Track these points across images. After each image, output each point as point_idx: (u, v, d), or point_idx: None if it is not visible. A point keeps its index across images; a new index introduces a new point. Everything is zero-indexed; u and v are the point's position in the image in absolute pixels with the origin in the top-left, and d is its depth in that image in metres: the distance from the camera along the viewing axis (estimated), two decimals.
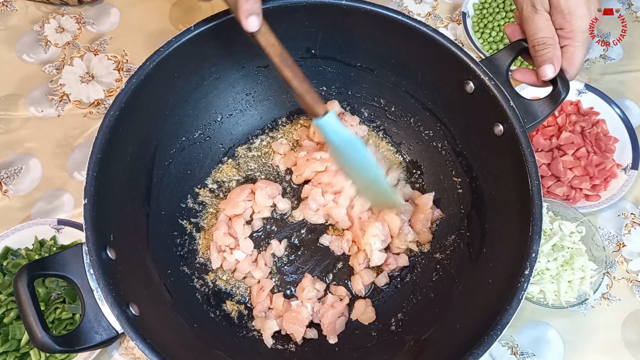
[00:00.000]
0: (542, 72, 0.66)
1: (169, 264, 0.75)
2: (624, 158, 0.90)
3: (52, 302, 0.77)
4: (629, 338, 0.80)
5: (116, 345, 0.79)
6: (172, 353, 0.57)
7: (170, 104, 0.76)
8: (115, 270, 0.59)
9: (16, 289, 0.55)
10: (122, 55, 1.04)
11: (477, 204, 0.76)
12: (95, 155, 0.61)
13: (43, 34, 1.06)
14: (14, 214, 0.89)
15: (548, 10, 0.65)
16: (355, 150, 0.71)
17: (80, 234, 0.84)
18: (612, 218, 0.89)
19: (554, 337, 0.80)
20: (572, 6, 0.63)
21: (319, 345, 0.75)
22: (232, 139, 0.88)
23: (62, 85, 1.01)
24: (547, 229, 0.81)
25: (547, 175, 0.87)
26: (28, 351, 0.74)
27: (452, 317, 0.70)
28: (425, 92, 0.81)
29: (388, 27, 0.73)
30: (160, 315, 0.66)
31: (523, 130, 0.64)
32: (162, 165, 0.78)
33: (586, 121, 0.90)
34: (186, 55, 0.71)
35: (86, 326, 0.56)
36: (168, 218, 0.79)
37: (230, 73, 0.82)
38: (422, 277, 0.79)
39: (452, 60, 0.70)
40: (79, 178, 0.92)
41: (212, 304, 0.77)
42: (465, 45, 1.05)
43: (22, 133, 0.96)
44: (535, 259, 0.59)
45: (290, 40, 0.79)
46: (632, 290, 0.84)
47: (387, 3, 1.11)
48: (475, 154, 0.77)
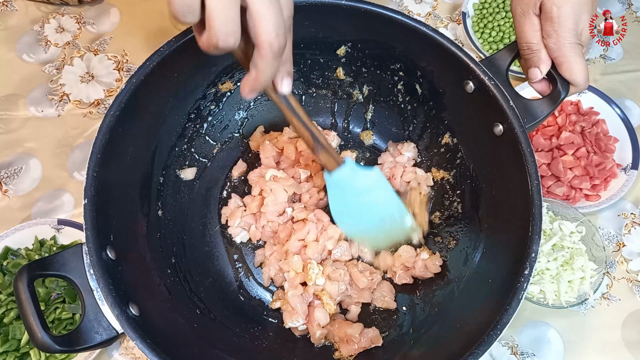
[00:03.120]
0: (529, 74, 0.68)
1: (169, 264, 0.75)
2: (624, 158, 0.90)
3: (52, 302, 0.77)
4: (629, 338, 0.80)
5: (116, 345, 0.79)
6: (172, 353, 0.57)
7: (170, 104, 0.76)
8: (115, 270, 0.59)
9: (16, 289, 0.55)
10: (122, 55, 1.04)
11: (477, 204, 0.76)
12: (95, 155, 0.61)
13: (43, 34, 1.06)
14: (14, 214, 0.89)
15: (537, 14, 0.65)
16: (375, 191, 0.72)
17: (80, 234, 0.84)
18: (612, 218, 0.89)
19: (554, 337, 0.80)
20: (562, 16, 0.63)
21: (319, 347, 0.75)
22: (232, 138, 0.88)
23: (62, 85, 1.01)
24: (547, 229, 0.82)
25: (547, 175, 0.87)
26: (28, 351, 0.74)
27: (452, 317, 0.70)
28: (425, 92, 0.81)
29: (388, 27, 0.73)
30: (161, 315, 0.66)
31: (523, 130, 0.64)
32: (162, 165, 0.78)
33: (586, 121, 0.90)
34: (186, 55, 0.71)
35: (86, 326, 0.56)
36: (168, 217, 0.79)
37: (231, 72, 0.82)
38: (422, 277, 0.79)
39: (452, 60, 0.70)
40: (79, 178, 0.92)
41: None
42: (465, 45, 1.05)
43: (22, 133, 0.96)
44: (535, 259, 0.59)
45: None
46: (632, 290, 0.84)
47: (387, 3, 1.11)
48: (475, 154, 0.77)
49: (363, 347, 0.72)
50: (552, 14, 0.63)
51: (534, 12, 0.65)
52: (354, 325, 0.73)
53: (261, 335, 0.75)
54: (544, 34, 0.65)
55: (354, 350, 0.72)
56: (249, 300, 0.80)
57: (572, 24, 0.63)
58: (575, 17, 0.63)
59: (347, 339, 0.72)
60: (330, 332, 0.74)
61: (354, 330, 0.72)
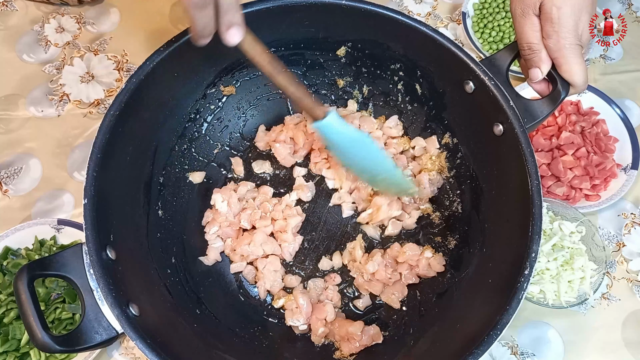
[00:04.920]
0: (530, 74, 0.67)
1: (169, 264, 0.75)
2: (624, 158, 0.90)
3: (52, 302, 0.77)
4: (629, 338, 0.80)
5: (116, 345, 0.79)
6: (172, 353, 0.57)
7: (170, 104, 0.76)
8: (115, 270, 0.59)
9: (16, 289, 0.55)
10: (122, 55, 1.04)
11: (477, 204, 0.76)
12: (95, 155, 0.61)
13: (43, 34, 1.06)
14: (14, 214, 0.89)
15: (537, 14, 0.65)
16: (363, 147, 0.71)
17: (80, 234, 0.84)
18: (612, 218, 0.89)
19: (554, 337, 0.80)
20: (562, 17, 0.63)
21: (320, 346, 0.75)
22: (232, 138, 0.88)
23: (62, 85, 1.01)
24: (547, 229, 0.81)
25: (547, 175, 0.87)
26: (28, 351, 0.74)
27: (452, 317, 0.70)
28: (425, 92, 0.81)
29: (388, 27, 0.73)
30: (160, 315, 0.66)
31: (523, 130, 0.64)
32: (162, 164, 0.78)
33: (586, 121, 0.90)
34: (186, 55, 0.71)
35: (86, 326, 0.56)
36: (168, 217, 0.79)
37: (231, 72, 0.82)
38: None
39: (452, 60, 0.70)
40: (79, 178, 0.92)
41: None
42: (465, 45, 1.05)
43: (22, 133, 0.96)
44: (535, 259, 0.59)
45: (291, 40, 0.80)
46: (632, 290, 0.84)
47: (387, 3, 1.10)
48: (475, 154, 0.77)
49: (364, 345, 0.72)
50: (552, 15, 0.63)
51: (533, 13, 0.65)
52: (355, 324, 0.73)
53: (261, 335, 0.75)
54: (544, 34, 0.65)
55: (355, 348, 0.72)
56: (249, 300, 0.80)
57: (572, 24, 0.63)
58: (576, 17, 0.63)
59: (348, 337, 0.72)
60: (331, 331, 0.74)
61: (355, 329, 0.72)
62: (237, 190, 0.83)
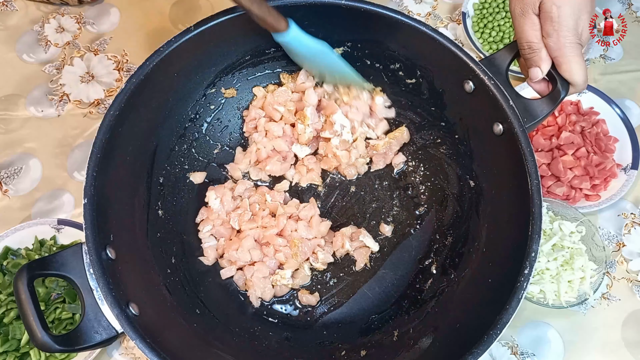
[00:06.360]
0: (530, 74, 0.67)
1: (169, 264, 0.75)
2: (624, 158, 0.90)
3: (52, 302, 0.77)
4: (629, 338, 0.80)
5: (116, 345, 0.79)
6: (172, 353, 0.57)
7: (170, 104, 0.76)
8: (115, 270, 0.59)
9: (16, 288, 0.55)
10: (122, 55, 1.04)
11: (477, 204, 0.76)
12: (95, 155, 0.61)
13: (43, 33, 1.06)
14: (14, 214, 0.89)
15: (537, 13, 0.65)
16: (325, 56, 0.75)
17: (80, 234, 0.84)
18: (612, 218, 0.89)
19: (554, 337, 0.80)
20: (562, 16, 0.63)
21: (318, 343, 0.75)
22: (232, 138, 0.88)
23: (62, 85, 1.01)
24: (547, 229, 0.82)
25: (547, 175, 0.87)
26: (28, 351, 0.74)
27: (452, 317, 0.70)
28: (425, 92, 0.81)
29: (388, 26, 0.73)
30: (160, 315, 0.66)
31: (522, 129, 0.64)
32: (162, 164, 0.78)
33: (586, 121, 0.90)
34: (186, 55, 0.71)
35: (86, 326, 0.56)
36: (168, 217, 0.79)
37: (231, 72, 0.82)
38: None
39: (451, 60, 0.70)
40: (79, 178, 0.92)
41: None
42: (465, 45, 1.05)
43: (22, 133, 0.96)
44: (535, 259, 0.59)
45: None
46: (632, 290, 0.84)
47: (387, 3, 1.11)
48: (474, 154, 0.77)
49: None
50: (552, 14, 0.63)
51: (533, 12, 0.65)
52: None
53: (261, 335, 0.75)
54: (544, 34, 0.65)
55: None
56: (249, 300, 0.79)
57: (572, 23, 0.63)
58: (576, 16, 0.63)
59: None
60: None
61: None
62: (235, 188, 0.82)
